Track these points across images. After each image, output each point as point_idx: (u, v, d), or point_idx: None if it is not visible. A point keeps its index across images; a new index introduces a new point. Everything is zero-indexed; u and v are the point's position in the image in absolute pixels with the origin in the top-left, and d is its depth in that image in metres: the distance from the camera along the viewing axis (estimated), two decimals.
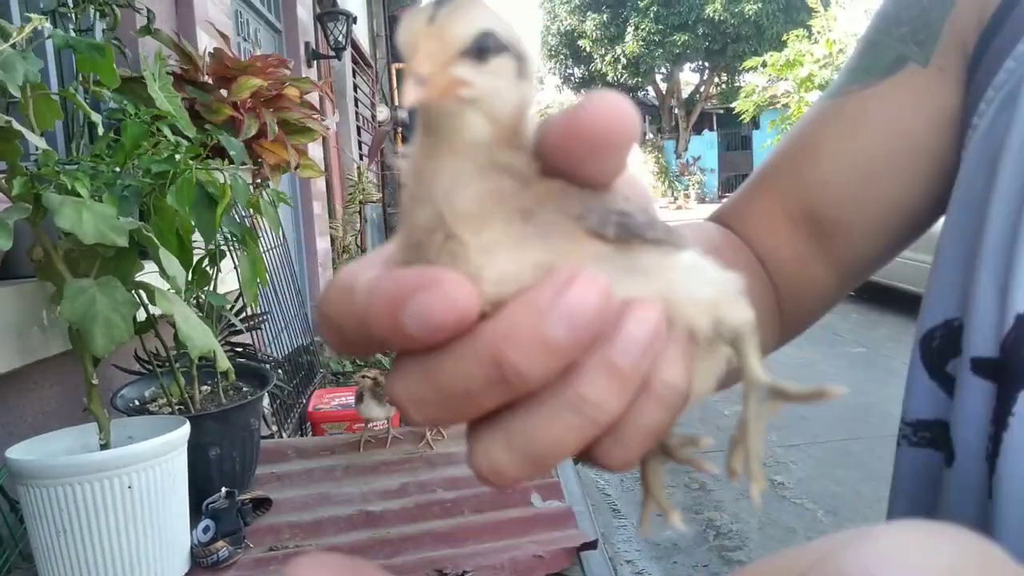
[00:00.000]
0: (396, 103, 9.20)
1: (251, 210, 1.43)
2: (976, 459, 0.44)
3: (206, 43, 2.34)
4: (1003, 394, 0.42)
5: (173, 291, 1.06)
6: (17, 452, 0.98)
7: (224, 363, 1.15)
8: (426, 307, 0.21)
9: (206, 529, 1.12)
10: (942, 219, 0.52)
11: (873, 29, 0.55)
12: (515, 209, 0.23)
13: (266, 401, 2.09)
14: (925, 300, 0.50)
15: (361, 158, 6.17)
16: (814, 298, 0.60)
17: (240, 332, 1.75)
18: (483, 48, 0.22)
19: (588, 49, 24.60)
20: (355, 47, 6.68)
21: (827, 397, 0.24)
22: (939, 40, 0.50)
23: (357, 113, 6.77)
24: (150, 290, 1.05)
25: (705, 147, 25.82)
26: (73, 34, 1.40)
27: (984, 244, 0.44)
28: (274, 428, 2.28)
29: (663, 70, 24.31)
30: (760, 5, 20.28)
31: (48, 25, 1.35)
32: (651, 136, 27.38)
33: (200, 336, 1.05)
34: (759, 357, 0.26)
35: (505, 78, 0.23)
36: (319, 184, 4.66)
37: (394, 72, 9.33)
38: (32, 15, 1.06)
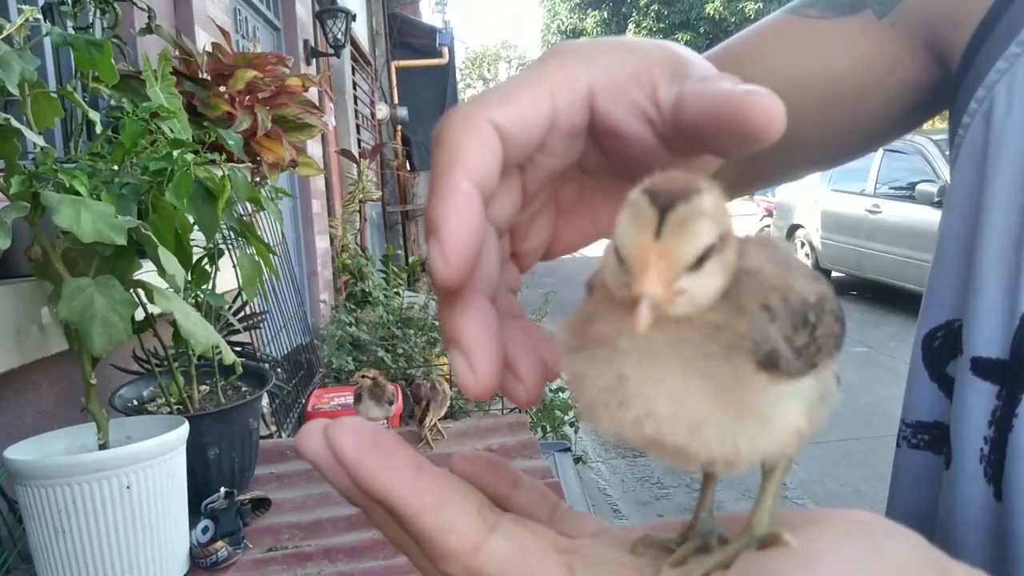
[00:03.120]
0: (395, 101, 9.19)
1: (251, 207, 1.43)
2: (972, 462, 0.43)
3: (204, 40, 2.33)
4: (1009, 395, 0.42)
5: (172, 290, 1.06)
6: (15, 452, 0.98)
7: (230, 356, 1.14)
8: None
9: (205, 529, 1.12)
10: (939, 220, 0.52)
11: None
12: (694, 352, 0.25)
13: (265, 401, 2.09)
14: (925, 301, 0.50)
15: (361, 156, 6.16)
16: None
17: (238, 331, 1.74)
18: (702, 259, 0.24)
19: None
20: (354, 45, 6.68)
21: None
22: (905, 0, 0.51)
23: (356, 111, 6.77)
24: (148, 289, 1.04)
25: None
26: (71, 32, 1.40)
27: (984, 246, 0.44)
28: (273, 428, 2.27)
29: None
30: (761, 4, 20.27)
31: (45, 23, 1.34)
32: None
33: (202, 332, 1.04)
34: (774, 503, 0.28)
35: (715, 274, 0.24)
36: (318, 183, 4.65)
37: (393, 70, 9.32)
38: (25, 7, 1.06)
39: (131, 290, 1.04)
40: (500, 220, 0.29)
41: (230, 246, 1.39)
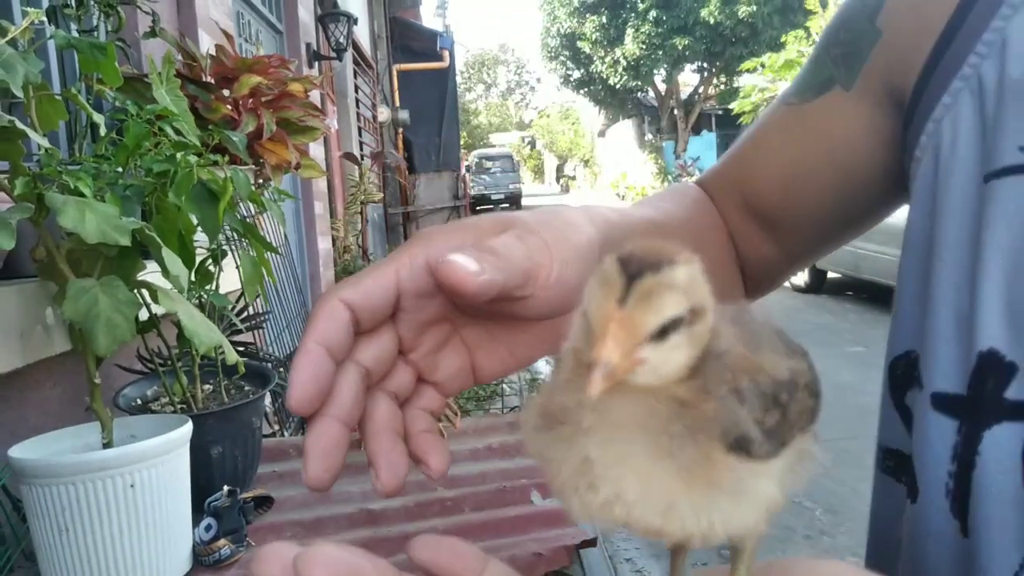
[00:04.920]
0: (396, 104, 9.20)
1: (254, 208, 1.44)
2: (936, 498, 0.44)
3: (208, 44, 2.34)
4: (969, 432, 0.42)
5: (175, 290, 1.06)
6: (20, 451, 0.98)
7: (233, 356, 1.15)
8: None
9: (208, 527, 1.12)
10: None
11: (819, 44, 0.59)
12: (660, 430, 0.25)
13: (268, 400, 2.09)
14: (891, 328, 0.51)
15: (363, 158, 6.17)
16: (766, 270, 0.64)
17: (241, 331, 1.75)
18: (665, 330, 0.24)
19: (588, 51, 24.58)
20: (356, 48, 6.69)
21: None
22: (865, 66, 0.54)
23: (358, 114, 6.78)
24: (152, 289, 1.05)
25: (704, 148, 25.76)
26: (76, 34, 1.41)
27: (937, 281, 0.45)
28: (276, 427, 2.28)
29: (662, 71, 24.28)
30: (755, 7, 20.25)
31: (50, 26, 1.35)
32: (650, 137, 27.36)
33: (206, 331, 1.05)
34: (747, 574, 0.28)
35: (681, 348, 0.24)
36: (320, 184, 4.66)
37: (394, 73, 9.33)
38: (30, 9, 1.06)
39: (135, 290, 1.05)
40: (369, 361, 0.37)
41: (234, 247, 1.40)
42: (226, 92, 1.63)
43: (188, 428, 1.06)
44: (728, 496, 0.25)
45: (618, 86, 24.60)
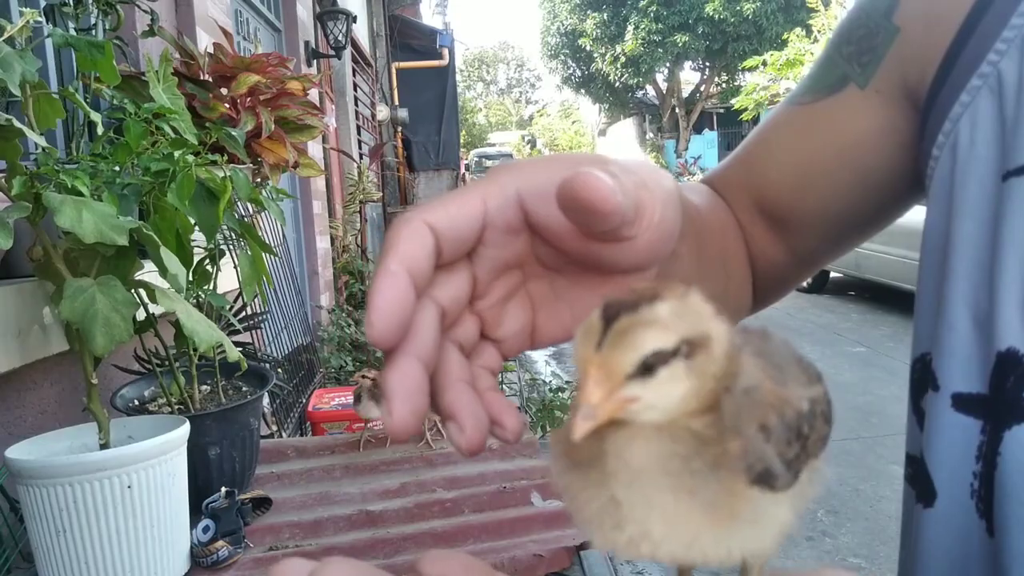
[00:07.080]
0: (395, 103, 9.19)
1: (252, 208, 1.43)
2: (961, 498, 0.43)
3: (206, 42, 2.34)
4: (993, 431, 0.42)
5: (173, 290, 1.06)
6: (17, 452, 0.98)
7: (234, 353, 1.15)
8: None
9: (206, 529, 1.12)
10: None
11: (830, 43, 0.58)
12: (682, 469, 0.25)
13: (266, 401, 2.09)
14: (913, 331, 0.51)
15: (361, 158, 6.17)
16: (775, 273, 0.63)
17: (239, 332, 1.75)
18: (650, 365, 0.24)
19: (588, 48, 24.58)
20: (355, 46, 6.68)
21: None
22: (881, 64, 0.53)
23: (357, 112, 6.77)
24: (150, 289, 1.05)
25: (705, 146, 25.75)
26: (73, 33, 1.40)
27: (955, 279, 0.45)
28: (274, 428, 2.28)
29: (663, 69, 24.28)
30: (758, 4, 20.24)
31: (47, 24, 1.34)
32: (651, 136, 27.36)
33: (205, 330, 1.05)
34: None
35: (676, 380, 0.24)
36: (319, 183, 4.66)
37: (393, 71, 9.33)
38: (27, 9, 1.06)
39: (132, 290, 1.04)
40: (446, 300, 0.33)
41: (231, 247, 1.39)
42: (224, 90, 1.63)
43: (185, 429, 1.05)
44: (748, 525, 0.26)
45: (618, 84, 24.59)
